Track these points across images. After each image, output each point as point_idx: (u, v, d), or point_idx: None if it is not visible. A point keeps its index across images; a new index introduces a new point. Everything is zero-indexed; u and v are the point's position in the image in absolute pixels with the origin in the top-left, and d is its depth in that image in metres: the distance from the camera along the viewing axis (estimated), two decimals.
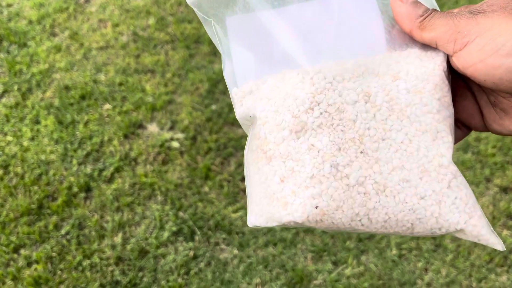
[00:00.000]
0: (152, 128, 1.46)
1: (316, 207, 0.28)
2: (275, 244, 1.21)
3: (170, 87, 1.57)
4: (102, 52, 1.69)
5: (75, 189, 1.31)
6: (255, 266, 1.17)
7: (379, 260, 1.18)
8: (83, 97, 1.54)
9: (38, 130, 1.46)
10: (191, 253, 1.20)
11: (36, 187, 1.32)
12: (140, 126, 1.47)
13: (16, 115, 1.50)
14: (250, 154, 0.33)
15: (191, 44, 1.71)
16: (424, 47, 0.32)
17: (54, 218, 1.26)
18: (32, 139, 1.44)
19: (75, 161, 1.37)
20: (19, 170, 1.36)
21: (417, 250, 1.20)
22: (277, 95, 0.31)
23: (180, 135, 1.44)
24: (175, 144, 1.41)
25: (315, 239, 1.22)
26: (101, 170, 1.36)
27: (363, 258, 1.19)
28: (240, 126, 1.44)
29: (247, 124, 0.34)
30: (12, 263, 1.18)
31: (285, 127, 0.30)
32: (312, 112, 0.30)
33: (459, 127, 0.36)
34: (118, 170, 1.36)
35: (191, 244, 1.21)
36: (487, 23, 0.27)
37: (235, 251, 1.20)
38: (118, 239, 1.22)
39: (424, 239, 1.21)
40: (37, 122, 1.48)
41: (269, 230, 1.23)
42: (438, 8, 0.32)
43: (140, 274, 1.17)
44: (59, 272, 1.17)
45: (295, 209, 0.29)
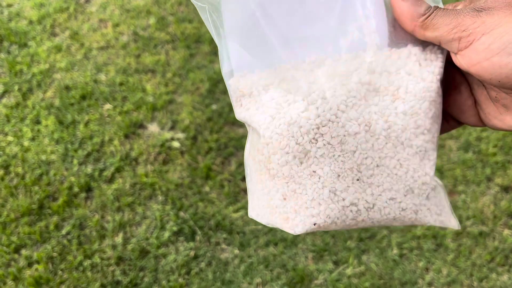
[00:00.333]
0: (153, 128, 1.46)
1: (314, 224, 0.32)
2: (276, 244, 1.21)
3: (170, 87, 1.57)
4: (103, 52, 1.69)
5: (76, 189, 1.31)
6: (256, 266, 1.17)
7: (380, 259, 1.18)
8: (83, 97, 1.54)
9: (38, 130, 1.46)
10: (192, 253, 1.20)
11: (36, 187, 1.32)
12: (141, 126, 1.47)
13: (16, 115, 1.50)
14: (252, 162, 0.35)
15: (192, 44, 1.71)
16: (424, 45, 0.32)
17: (55, 218, 1.26)
18: (32, 139, 1.44)
19: (75, 161, 1.37)
20: (19, 170, 1.36)
21: (418, 250, 1.20)
22: (282, 117, 0.32)
23: (180, 135, 1.44)
24: (176, 144, 1.41)
25: (316, 239, 1.22)
26: (101, 170, 1.36)
27: (364, 258, 1.18)
28: (240, 126, 1.44)
29: (246, 124, 0.35)
30: (13, 263, 1.18)
31: (289, 152, 0.32)
32: (316, 142, 0.32)
33: (447, 121, 0.35)
34: (118, 170, 1.36)
35: (192, 244, 1.21)
36: (493, 21, 0.27)
37: (236, 251, 1.20)
38: (119, 239, 1.22)
39: (425, 239, 1.21)
40: (37, 122, 1.48)
41: (270, 230, 1.23)
42: (441, 3, 0.32)
43: (141, 274, 1.17)
44: (60, 272, 1.17)
45: (295, 224, 0.32)
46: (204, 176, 1.33)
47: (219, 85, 1.56)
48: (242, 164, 1.36)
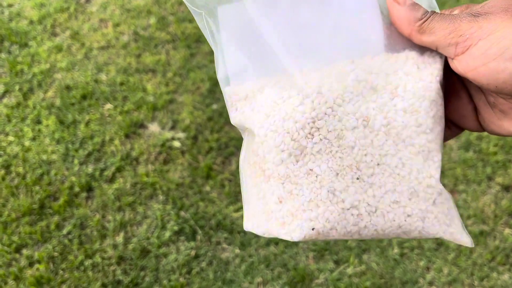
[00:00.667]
0: (153, 127, 1.46)
1: (313, 229, 0.30)
2: (276, 243, 1.21)
3: (171, 87, 1.57)
4: (103, 51, 1.69)
5: (77, 189, 1.31)
6: (257, 265, 1.17)
7: (380, 259, 1.18)
8: (84, 97, 1.55)
9: (39, 130, 1.46)
10: (193, 252, 1.20)
11: (37, 187, 1.32)
12: (141, 126, 1.47)
13: (17, 115, 1.50)
14: (247, 166, 0.33)
15: (192, 44, 1.71)
16: (422, 50, 0.31)
17: (56, 218, 1.26)
18: (33, 139, 1.44)
19: (76, 161, 1.38)
20: (20, 170, 1.36)
21: (419, 249, 1.20)
22: (276, 114, 0.31)
23: (181, 135, 1.44)
24: (176, 143, 1.41)
25: None
26: (102, 170, 1.36)
27: (365, 257, 1.18)
28: None
29: (241, 129, 0.34)
30: (14, 263, 1.18)
31: (284, 149, 0.30)
32: (312, 137, 0.30)
33: (449, 127, 0.35)
34: (119, 169, 1.36)
35: (192, 243, 1.21)
36: (490, 26, 0.27)
37: (237, 250, 1.20)
38: (120, 238, 1.22)
39: (426, 238, 1.21)
40: (38, 122, 1.48)
41: None
42: (438, 9, 0.31)
43: (142, 273, 1.17)
44: (61, 272, 1.17)
45: (292, 229, 0.30)
46: (205, 176, 1.33)
47: (219, 84, 1.56)
48: None
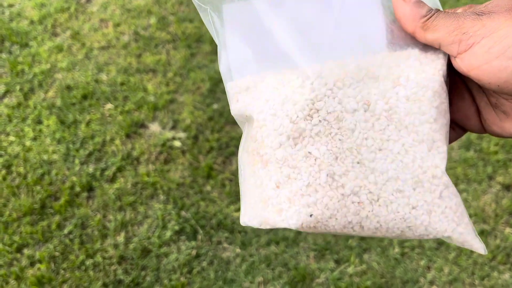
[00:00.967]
0: (154, 127, 1.46)
1: (311, 215, 0.29)
2: (277, 243, 1.21)
3: (171, 87, 1.57)
4: (104, 51, 1.69)
5: (78, 188, 1.31)
6: (258, 265, 1.17)
7: (381, 258, 1.18)
8: (85, 97, 1.55)
9: (40, 130, 1.46)
10: (194, 252, 1.20)
11: (38, 187, 1.32)
12: (142, 126, 1.47)
13: (18, 115, 1.50)
14: (245, 155, 0.33)
15: (192, 43, 1.71)
16: (425, 48, 0.31)
17: (57, 218, 1.26)
18: (34, 139, 1.44)
19: (77, 160, 1.38)
20: (21, 170, 1.36)
21: (419, 248, 1.20)
22: (276, 98, 0.31)
23: (182, 134, 1.44)
24: (177, 143, 1.41)
25: (318, 238, 1.22)
26: (103, 170, 1.36)
27: (366, 257, 1.18)
28: None
29: (242, 121, 0.34)
30: (15, 262, 1.18)
31: (282, 132, 0.30)
32: (311, 119, 0.30)
33: (453, 128, 0.35)
34: (120, 169, 1.36)
35: (193, 243, 1.21)
36: (494, 25, 0.27)
37: (238, 250, 1.20)
38: (121, 238, 1.22)
39: None
40: (39, 122, 1.49)
41: (271, 229, 1.23)
42: (441, 8, 0.31)
43: (143, 273, 1.17)
44: (62, 271, 1.17)
45: (290, 216, 0.29)
46: (206, 176, 1.33)
47: (220, 84, 1.56)
48: None
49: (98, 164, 1.38)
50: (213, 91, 1.55)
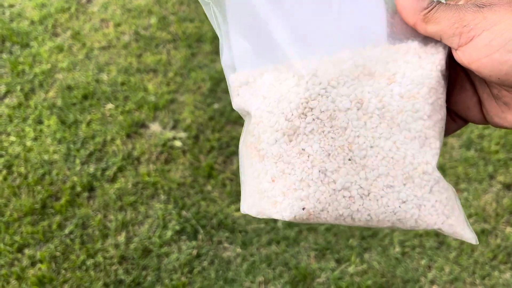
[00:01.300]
0: (155, 127, 1.46)
1: (303, 209, 0.30)
2: (278, 242, 1.21)
3: (172, 86, 1.57)
4: (104, 51, 1.69)
5: (78, 188, 1.31)
6: (258, 265, 1.17)
7: (382, 257, 1.18)
8: (85, 97, 1.55)
9: (41, 130, 1.46)
10: (194, 251, 1.20)
11: (39, 187, 1.32)
12: (143, 126, 1.47)
13: (19, 115, 1.50)
14: (244, 148, 0.34)
15: (193, 43, 1.71)
16: (425, 41, 0.31)
17: (58, 218, 1.26)
18: (35, 139, 1.44)
19: (78, 160, 1.38)
20: (22, 170, 1.36)
21: (420, 248, 1.20)
22: (272, 95, 0.32)
23: (182, 134, 1.44)
24: (178, 143, 1.41)
25: (318, 237, 1.22)
26: (104, 170, 1.36)
27: (366, 256, 1.18)
28: (242, 124, 1.44)
29: (244, 114, 0.35)
30: (16, 262, 1.19)
31: (278, 129, 0.31)
32: (305, 117, 0.30)
33: (454, 120, 0.35)
34: (121, 169, 1.36)
35: (194, 243, 1.21)
36: (494, 17, 0.27)
37: (238, 250, 1.20)
38: (122, 238, 1.22)
39: (427, 237, 1.21)
40: (40, 122, 1.49)
41: (272, 229, 1.23)
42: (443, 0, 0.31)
43: (144, 273, 1.17)
44: (63, 271, 1.17)
45: (283, 208, 0.31)
46: (206, 175, 1.34)
47: (220, 84, 1.56)
48: None
49: (98, 164, 1.38)
50: (213, 91, 1.55)
